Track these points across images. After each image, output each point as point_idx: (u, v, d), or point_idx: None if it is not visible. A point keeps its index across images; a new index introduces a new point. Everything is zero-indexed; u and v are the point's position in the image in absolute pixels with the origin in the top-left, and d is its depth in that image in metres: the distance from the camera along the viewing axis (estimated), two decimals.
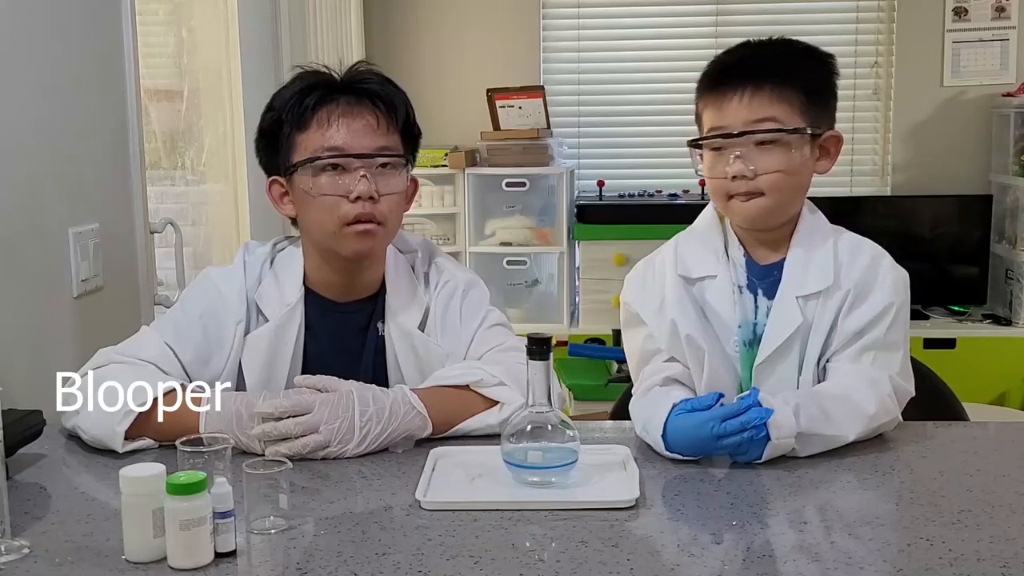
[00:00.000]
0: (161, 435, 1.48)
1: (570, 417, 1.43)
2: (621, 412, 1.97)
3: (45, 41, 1.89)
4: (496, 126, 4.13)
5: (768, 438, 1.41)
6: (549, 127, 4.17)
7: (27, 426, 1.49)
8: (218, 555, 1.14)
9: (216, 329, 1.63)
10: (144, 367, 1.56)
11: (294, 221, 1.71)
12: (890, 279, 1.63)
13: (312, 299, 1.67)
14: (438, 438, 1.52)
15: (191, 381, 1.58)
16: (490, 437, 1.50)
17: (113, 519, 1.24)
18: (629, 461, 1.41)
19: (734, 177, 1.59)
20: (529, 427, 1.35)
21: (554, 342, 1.39)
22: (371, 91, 1.62)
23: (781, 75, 1.60)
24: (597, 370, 3.73)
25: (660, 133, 4.45)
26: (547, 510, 1.26)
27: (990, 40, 4.29)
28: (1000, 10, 4.28)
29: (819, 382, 1.62)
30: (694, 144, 1.66)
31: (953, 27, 4.30)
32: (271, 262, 1.70)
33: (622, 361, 3.67)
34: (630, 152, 4.50)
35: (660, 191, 4.34)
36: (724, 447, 1.42)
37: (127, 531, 1.14)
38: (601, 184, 4.25)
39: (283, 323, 1.64)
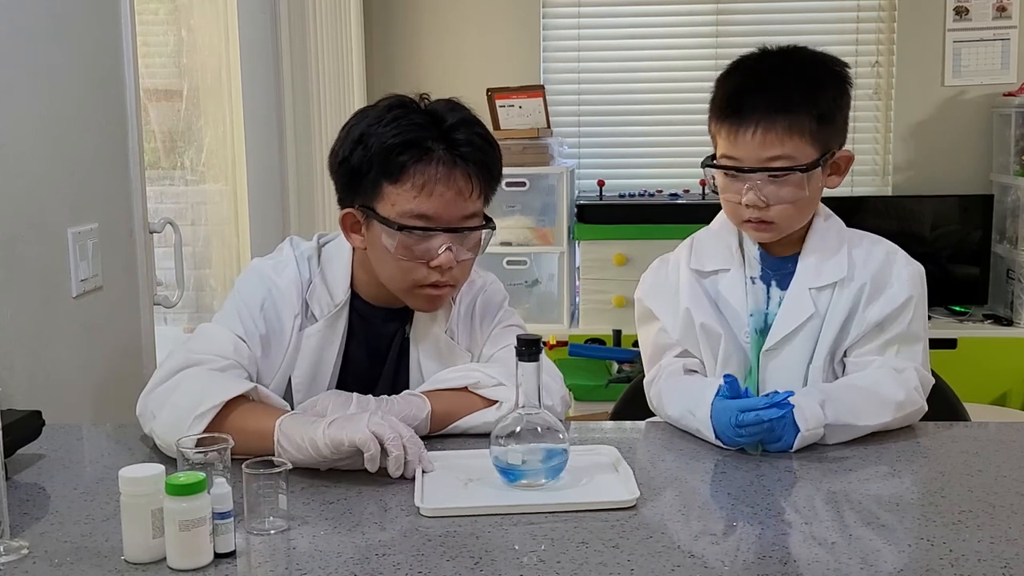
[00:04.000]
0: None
1: (570, 418, 1.43)
2: (622, 412, 1.98)
3: (45, 41, 1.88)
4: (496, 126, 4.12)
5: (797, 429, 1.47)
6: (549, 127, 4.16)
7: (27, 426, 1.49)
8: (217, 556, 1.14)
9: (276, 321, 1.62)
10: (224, 373, 1.52)
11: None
12: (906, 273, 1.68)
13: (355, 302, 1.67)
14: (436, 436, 1.53)
15: (258, 374, 1.59)
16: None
17: (113, 519, 1.24)
18: (620, 462, 1.41)
19: (747, 205, 1.62)
20: (518, 429, 1.34)
21: (554, 342, 1.39)
22: (468, 155, 1.54)
23: (794, 107, 1.60)
24: (597, 370, 3.72)
25: (660, 133, 4.43)
26: (550, 512, 1.26)
27: (991, 40, 4.28)
28: (1001, 10, 4.27)
29: (834, 375, 1.67)
30: (707, 165, 1.69)
31: (954, 27, 4.29)
32: (318, 259, 1.68)
33: (622, 361, 3.68)
34: (630, 152, 4.49)
35: (660, 191, 4.33)
36: (743, 437, 1.47)
37: (126, 532, 1.14)
38: (601, 184, 4.25)
39: (331, 323, 1.63)
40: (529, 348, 1.33)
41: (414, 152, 1.53)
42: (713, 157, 1.69)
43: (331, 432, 1.35)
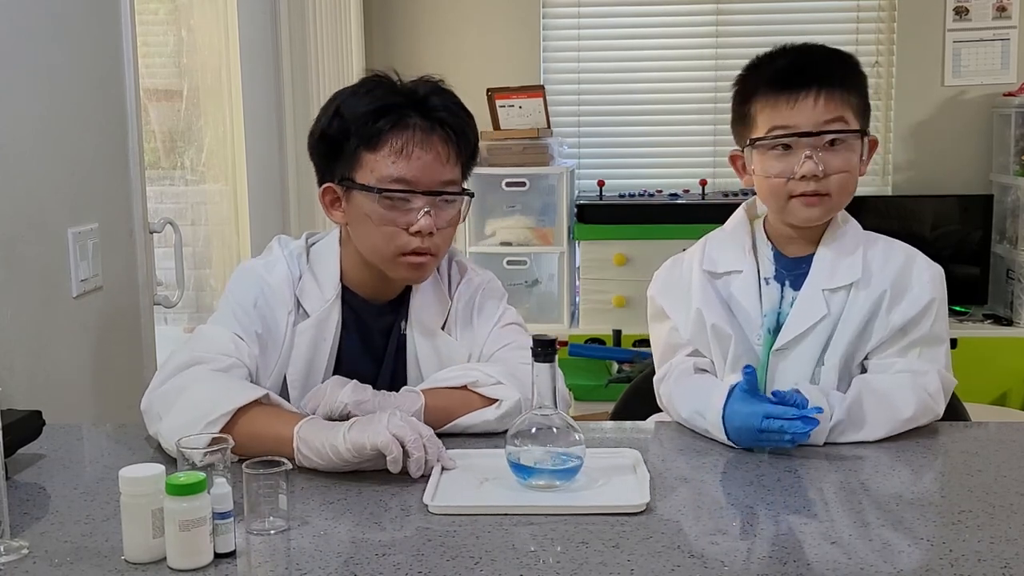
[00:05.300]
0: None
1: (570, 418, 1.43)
2: (622, 412, 1.98)
3: (45, 41, 1.88)
4: (496, 126, 4.12)
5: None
6: (549, 127, 4.16)
7: (27, 426, 1.49)
8: (217, 556, 1.14)
9: (271, 319, 1.62)
10: (229, 373, 1.53)
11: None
12: (927, 275, 1.69)
13: (346, 296, 1.67)
14: (438, 435, 1.53)
15: (257, 372, 1.59)
16: (498, 441, 1.50)
17: (113, 519, 1.24)
18: (640, 465, 1.41)
19: (802, 177, 1.62)
20: (534, 430, 1.34)
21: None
22: (444, 120, 1.58)
23: (845, 79, 1.65)
24: (597, 370, 3.73)
25: (660, 133, 4.44)
26: (557, 515, 1.26)
27: (991, 40, 4.29)
28: (1001, 10, 4.27)
29: (849, 380, 1.66)
30: (756, 143, 1.66)
31: (953, 27, 4.30)
32: (307, 257, 1.69)
33: (622, 361, 3.68)
34: (630, 152, 4.49)
35: (660, 191, 4.33)
36: (762, 441, 1.48)
37: (126, 531, 1.14)
38: (601, 184, 4.25)
39: (323, 318, 1.64)
40: (545, 349, 1.34)
41: (391, 118, 1.56)
42: (751, 142, 1.67)
43: (352, 436, 1.36)
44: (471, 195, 1.64)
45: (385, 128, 1.56)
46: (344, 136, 1.58)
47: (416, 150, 1.56)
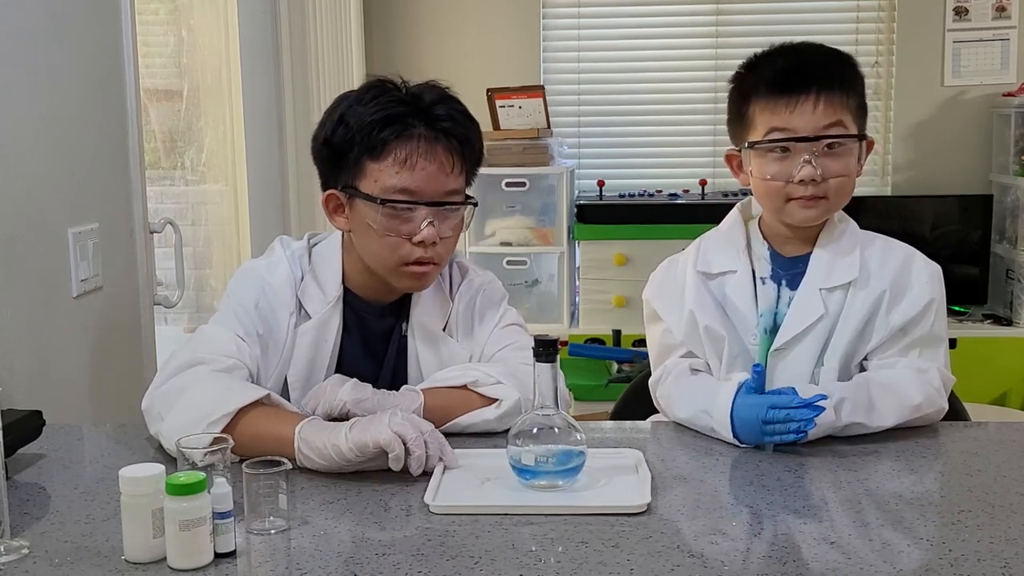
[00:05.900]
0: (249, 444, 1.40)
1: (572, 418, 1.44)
2: (621, 412, 1.98)
3: (45, 41, 1.88)
4: (496, 126, 4.12)
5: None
6: (549, 127, 4.16)
7: (27, 426, 1.49)
8: (218, 555, 1.14)
9: (272, 320, 1.62)
10: (230, 374, 1.53)
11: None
12: (926, 275, 1.69)
13: (348, 297, 1.67)
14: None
15: (259, 373, 1.59)
16: (499, 440, 1.50)
17: (113, 519, 1.24)
18: (641, 464, 1.41)
19: (800, 181, 1.62)
20: (535, 430, 1.34)
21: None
22: (449, 130, 1.57)
23: (844, 81, 1.64)
24: (597, 370, 3.73)
25: (660, 133, 4.44)
26: (558, 515, 1.26)
27: (990, 40, 4.29)
28: (1000, 10, 4.27)
29: (849, 379, 1.65)
30: (754, 146, 1.66)
31: (953, 27, 4.30)
32: (308, 258, 1.69)
33: (622, 361, 3.68)
34: (630, 152, 4.49)
35: (660, 191, 4.33)
36: (768, 434, 1.47)
37: (127, 531, 1.14)
38: (601, 184, 4.25)
39: (325, 319, 1.63)
40: (547, 349, 1.34)
41: (395, 128, 1.55)
42: (750, 144, 1.66)
43: (354, 436, 1.36)
44: (475, 204, 1.63)
45: (389, 138, 1.54)
46: (348, 145, 1.57)
47: (420, 160, 1.55)
